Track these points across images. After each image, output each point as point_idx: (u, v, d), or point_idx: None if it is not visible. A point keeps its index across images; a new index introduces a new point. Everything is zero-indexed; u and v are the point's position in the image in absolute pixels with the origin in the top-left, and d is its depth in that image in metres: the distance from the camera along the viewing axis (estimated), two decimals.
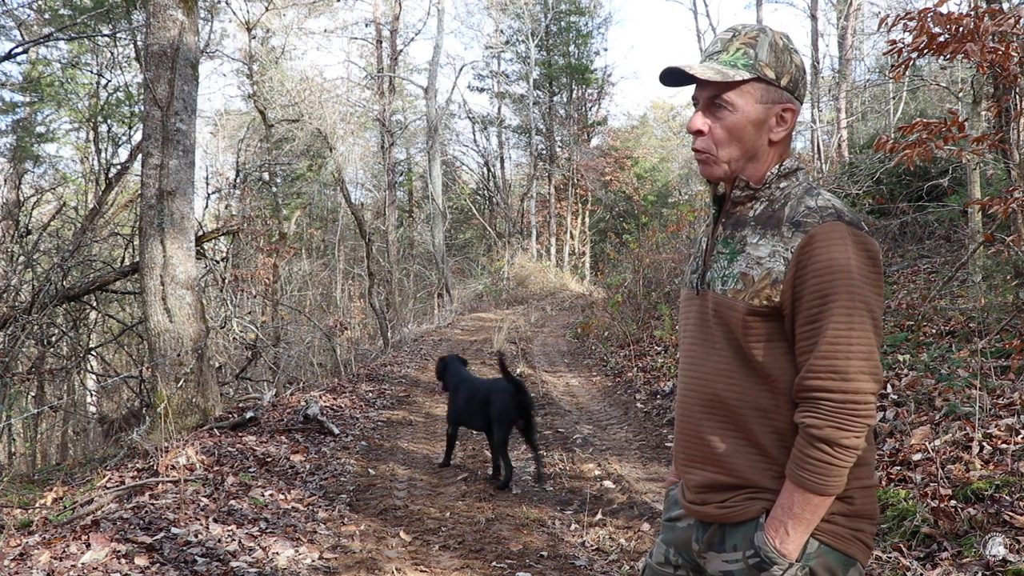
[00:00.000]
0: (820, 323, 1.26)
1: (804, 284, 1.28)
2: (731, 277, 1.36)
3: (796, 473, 1.29)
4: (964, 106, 10.13)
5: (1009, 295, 6.45)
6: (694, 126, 1.39)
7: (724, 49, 1.39)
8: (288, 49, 18.03)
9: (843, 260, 1.26)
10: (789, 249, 1.30)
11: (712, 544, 1.42)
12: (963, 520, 3.06)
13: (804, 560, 1.31)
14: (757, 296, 1.32)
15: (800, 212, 1.33)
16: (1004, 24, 4.62)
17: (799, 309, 1.29)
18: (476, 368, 10.69)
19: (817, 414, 1.26)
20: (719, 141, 1.39)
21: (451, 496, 4.83)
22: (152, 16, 6.52)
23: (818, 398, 1.26)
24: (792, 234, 1.31)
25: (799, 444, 1.29)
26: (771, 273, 1.31)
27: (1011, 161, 5.76)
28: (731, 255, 1.39)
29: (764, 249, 1.34)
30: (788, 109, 1.41)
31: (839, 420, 1.25)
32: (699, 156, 1.41)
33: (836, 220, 1.29)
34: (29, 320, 7.79)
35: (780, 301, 1.31)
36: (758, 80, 1.37)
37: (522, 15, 25.27)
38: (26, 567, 3.29)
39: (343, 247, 24.39)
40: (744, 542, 1.35)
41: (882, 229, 11.53)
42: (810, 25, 18.05)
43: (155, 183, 6.41)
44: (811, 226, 1.29)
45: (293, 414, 6.72)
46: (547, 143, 26.66)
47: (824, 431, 1.25)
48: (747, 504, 1.37)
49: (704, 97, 1.39)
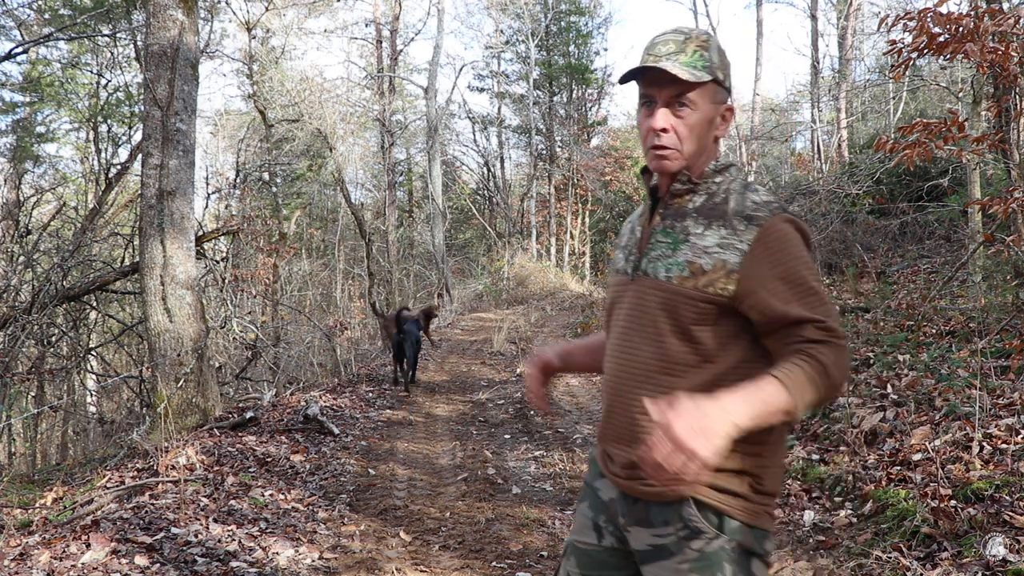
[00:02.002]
0: (792, 286, 1.37)
1: (763, 268, 1.37)
2: (676, 265, 1.43)
3: (789, 376, 1.31)
4: (964, 106, 10.14)
5: (1009, 295, 6.45)
6: (659, 124, 1.45)
7: (681, 51, 1.45)
8: (288, 49, 18.05)
9: (796, 245, 1.40)
10: (743, 241, 1.39)
11: (639, 520, 1.48)
12: (963, 520, 3.06)
13: (730, 536, 1.40)
14: (712, 285, 1.39)
15: (748, 207, 1.43)
16: (1004, 24, 4.62)
17: (761, 286, 1.37)
18: (476, 368, 10.69)
19: (828, 351, 1.33)
20: (682, 138, 1.46)
21: (451, 496, 4.83)
22: (152, 16, 6.52)
23: (827, 339, 1.33)
24: (745, 227, 1.40)
25: (799, 362, 1.32)
26: (725, 264, 1.39)
27: (1011, 161, 5.76)
28: (674, 244, 1.46)
29: (711, 239, 1.42)
30: (729, 109, 1.53)
31: (844, 363, 1.34)
32: (661, 152, 1.47)
33: (781, 212, 1.42)
34: (29, 320, 7.79)
35: (735, 289, 1.38)
36: (713, 81, 1.46)
37: (522, 15, 25.26)
38: (26, 567, 3.29)
39: (343, 247, 24.39)
40: (674, 516, 1.42)
41: (882, 229, 11.54)
42: (810, 25, 18.06)
43: (155, 183, 6.41)
44: (763, 219, 1.40)
45: (293, 414, 6.72)
46: (547, 143, 26.65)
47: (839, 362, 1.33)
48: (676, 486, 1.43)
49: (666, 96, 1.46)
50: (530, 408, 7.61)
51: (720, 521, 1.41)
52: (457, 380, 9.79)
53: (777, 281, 1.37)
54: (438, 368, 10.85)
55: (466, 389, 9.09)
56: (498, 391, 8.75)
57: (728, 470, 1.40)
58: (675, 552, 1.43)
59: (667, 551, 1.44)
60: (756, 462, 1.43)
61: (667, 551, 1.44)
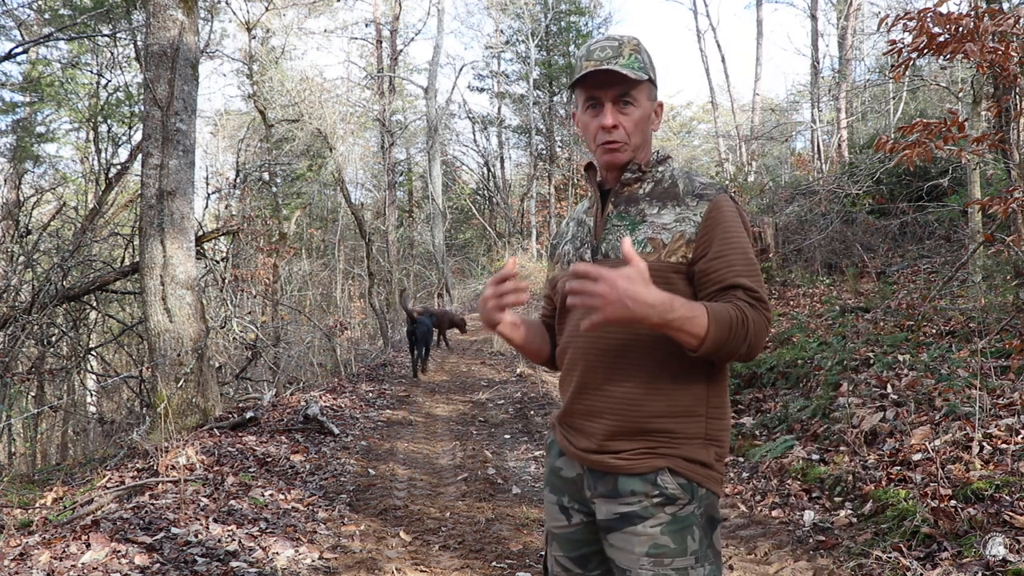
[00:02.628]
0: (729, 254, 1.52)
1: (714, 234, 1.54)
2: (637, 243, 1.57)
3: (715, 311, 1.42)
4: (964, 106, 10.13)
5: (1009, 295, 6.45)
6: (610, 122, 1.59)
7: (618, 55, 1.59)
8: (288, 49, 18.04)
9: (738, 220, 1.58)
10: (697, 214, 1.56)
11: (606, 493, 1.56)
12: (963, 520, 3.06)
13: (699, 503, 1.52)
14: (673, 255, 1.54)
15: (697, 187, 1.60)
16: (1004, 24, 4.62)
17: (709, 250, 1.53)
18: (476, 368, 10.70)
19: (753, 312, 1.46)
20: (630, 132, 1.61)
21: (451, 496, 4.83)
22: (152, 16, 6.52)
23: (753, 298, 1.48)
24: (697, 203, 1.57)
25: (727, 306, 1.45)
26: (684, 234, 1.55)
27: (1011, 161, 5.76)
28: (631, 225, 1.60)
29: (668, 216, 1.58)
30: (660, 105, 1.70)
31: (762, 330, 1.47)
32: (613, 146, 1.61)
33: (723, 192, 1.59)
34: (29, 320, 7.79)
35: (692, 256, 1.54)
36: (648, 81, 1.62)
37: (522, 15, 25.27)
38: (26, 567, 3.29)
39: (343, 247, 24.38)
40: (646, 485, 1.51)
41: (882, 229, 11.53)
42: (810, 25, 18.06)
43: (155, 183, 6.41)
44: (711, 196, 1.58)
45: (293, 414, 6.72)
46: (547, 143, 26.66)
47: (759, 325, 1.46)
48: (649, 459, 1.52)
49: (611, 95, 1.60)
50: (530, 408, 7.61)
51: (692, 488, 1.52)
52: (457, 380, 9.79)
53: (723, 246, 1.52)
54: (438, 368, 10.85)
55: (466, 389, 9.09)
56: (498, 391, 8.75)
57: (696, 436, 1.54)
58: (647, 517, 1.51)
59: (636, 516, 1.51)
60: (718, 426, 1.57)
61: (636, 516, 1.51)
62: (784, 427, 5.19)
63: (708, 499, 1.54)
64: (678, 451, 1.52)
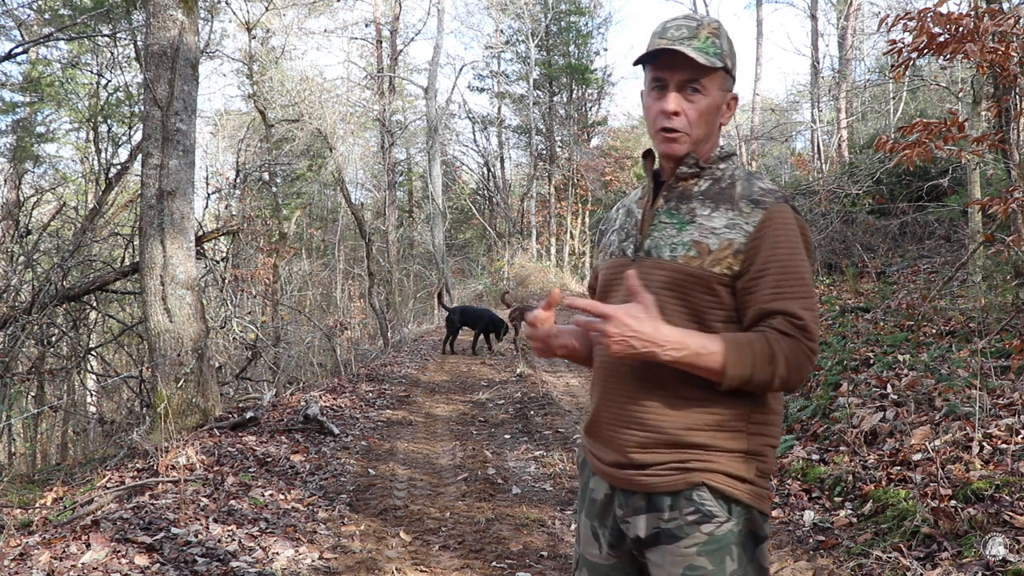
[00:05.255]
0: (776, 273, 1.40)
1: (762, 248, 1.41)
2: (681, 245, 1.45)
3: (735, 346, 1.35)
4: (964, 106, 10.14)
5: (1009, 295, 6.45)
6: (671, 107, 1.46)
7: (694, 36, 1.46)
8: (288, 49, 18.03)
9: (796, 235, 1.44)
10: (750, 223, 1.43)
11: (639, 508, 1.47)
12: (963, 520, 3.06)
13: (737, 519, 1.42)
14: (718, 264, 1.42)
15: (756, 192, 1.47)
16: (1004, 24, 4.62)
17: (754, 267, 1.41)
18: (477, 367, 10.69)
19: (786, 344, 1.37)
20: (692, 122, 1.48)
21: (451, 496, 4.83)
22: (152, 16, 6.52)
23: (792, 334, 1.37)
24: (752, 210, 1.44)
25: (752, 338, 1.37)
26: (732, 243, 1.42)
27: (1011, 161, 5.77)
28: (679, 225, 1.48)
29: (719, 221, 1.45)
30: (734, 97, 1.55)
31: (801, 362, 1.37)
32: (671, 135, 1.48)
33: (784, 202, 1.46)
34: (29, 320, 7.79)
35: (739, 269, 1.42)
36: (723, 70, 1.48)
37: (522, 15, 25.27)
38: (26, 567, 3.29)
39: (343, 247, 24.39)
40: (681, 502, 1.43)
41: (882, 229, 11.54)
42: (810, 25, 18.07)
43: (155, 183, 6.41)
44: (769, 204, 1.44)
45: (293, 414, 6.72)
46: (547, 143, 26.66)
47: (795, 358, 1.37)
48: (682, 475, 1.43)
49: (678, 80, 1.47)
50: (530, 408, 7.61)
51: (729, 505, 1.42)
52: (457, 380, 9.79)
53: (770, 263, 1.40)
54: (438, 368, 10.85)
55: (466, 389, 9.09)
56: (498, 391, 8.75)
57: (736, 451, 1.44)
58: (682, 536, 1.42)
59: (672, 535, 1.43)
60: (761, 441, 1.46)
61: (672, 535, 1.43)
62: (784, 427, 5.20)
63: (748, 514, 1.44)
64: (714, 466, 1.42)
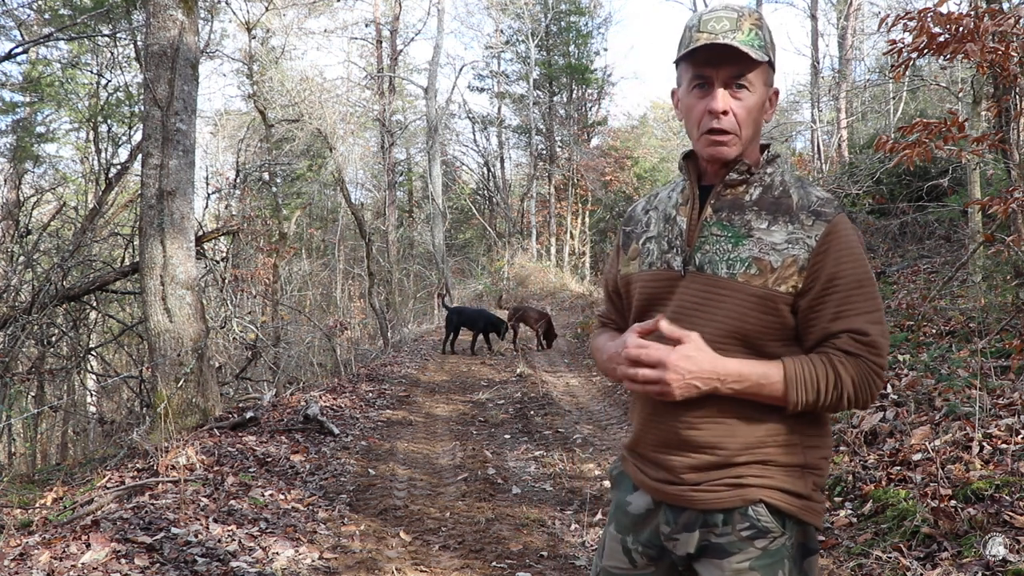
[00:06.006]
0: (843, 290, 1.33)
1: (825, 264, 1.33)
2: (739, 261, 1.35)
3: (798, 373, 1.31)
4: (964, 106, 10.13)
5: (1009, 295, 6.45)
6: (720, 106, 1.34)
7: (737, 28, 1.33)
8: (288, 49, 18.02)
9: (855, 243, 1.36)
10: (812, 237, 1.33)
11: (689, 524, 1.41)
12: (963, 520, 3.06)
13: (790, 533, 1.38)
14: (784, 282, 1.33)
15: (814, 202, 1.37)
16: (1004, 24, 4.62)
17: (818, 284, 1.33)
18: (477, 367, 10.69)
19: (852, 365, 1.32)
20: (742, 122, 1.36)
21: (451, 496, 4.83)
22: (152, 16, 6.52)
23: (859, 352, 1.32)
24: (813, 223, 1.34)
25: (816, 362, 1.32)
26: (797, 260, 1.33)
27: (1011, 161, 5.76)
28: (735, 239, 1.37)
29: (779, 235, 1.35)
30: (776, 93, 1.44)
31: (870, 381, 1.33)
32: (720, 138, 1.36)
33: (842, 211, 1.37)
34: (29, 320, 7.79)
35: (803, 287, 1.34)
36: (767, 63, 1.37)
37: (522, 15, 25.27)
38: (26, 567, 3.29)
39: (343, 247, 24.39)
40: (735, 517, 1.37)
41: (882, 229, 11.54)
42: (810, 25, 18.06)
43: (155, 183, 6.41)
44: (829, 216, 1.35)
45: (293, 414, 6.72)
46: (547, 143, 26.66)
47: (862, 379, 1.32)
48: (737, 491, 1.37)
49: (725, 76, 1.35)
50: (530, 408, 7.61)
51: (783, 520, 1.37)
52: (457, 380, 9.79)
53: (836, 280, 1.32)
54: (438, 368, 10.85)
55: (466, 389, 9.09)
56: (498, 391, 8.75)
57: (792, 466, 1.38)
58: (733, 552, 1.37)
59: (723, 550, 1.38)
60: (816, 454, 1.40)
61: (723, 550, 1.38)
62: None
63: (801, 527, 1.39)
64: (771, 482, 1.36)
